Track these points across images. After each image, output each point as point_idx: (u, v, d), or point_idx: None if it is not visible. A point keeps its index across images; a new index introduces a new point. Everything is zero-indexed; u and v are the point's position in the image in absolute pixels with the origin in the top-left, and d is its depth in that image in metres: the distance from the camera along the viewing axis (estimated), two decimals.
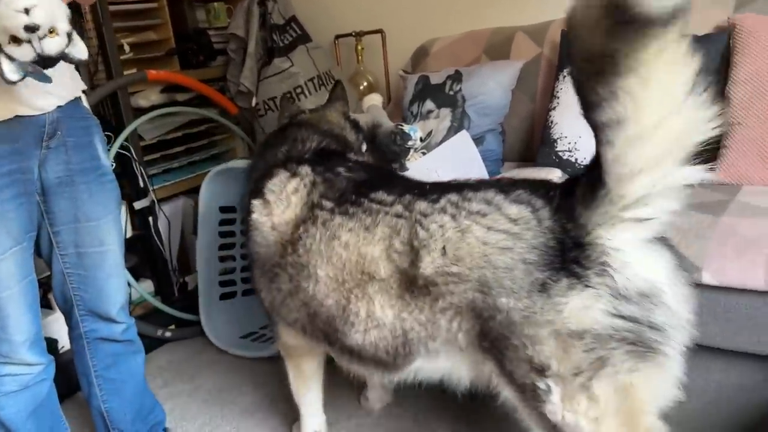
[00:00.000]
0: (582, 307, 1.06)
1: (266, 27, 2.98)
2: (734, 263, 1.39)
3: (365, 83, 3.20)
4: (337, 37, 3.12)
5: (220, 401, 2.20)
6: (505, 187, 1.20)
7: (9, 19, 1.10)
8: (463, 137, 2.17)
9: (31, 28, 1.11)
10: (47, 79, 1.24)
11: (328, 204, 1.38)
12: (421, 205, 1.24)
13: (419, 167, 2.09)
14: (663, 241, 1.11)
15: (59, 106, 1.47)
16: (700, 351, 1.49)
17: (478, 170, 2.04)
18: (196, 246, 2.64)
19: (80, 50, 1.24)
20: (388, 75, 3.07)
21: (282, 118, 1.84)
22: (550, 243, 1.09)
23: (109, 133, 2.55)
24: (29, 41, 1.13)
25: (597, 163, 1.01)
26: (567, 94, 2.01)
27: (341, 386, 1.85)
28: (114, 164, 2.44)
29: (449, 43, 2.55)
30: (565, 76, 2.05)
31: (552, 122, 2.04)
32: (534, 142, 2.23)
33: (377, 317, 1.27)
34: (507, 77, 2.26)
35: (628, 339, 1.05)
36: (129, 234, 2.69)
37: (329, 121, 1.78)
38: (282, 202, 1.47)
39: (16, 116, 1.38)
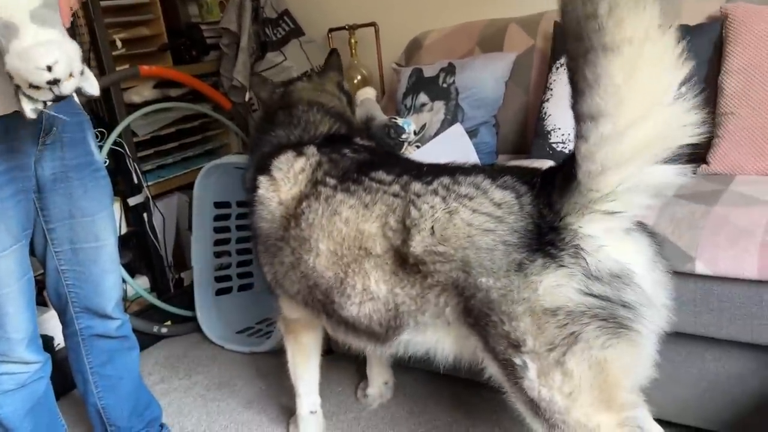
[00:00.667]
0: (555, 284, 1.10)
1: (259, 21, 2.97)
2: (727, 252, 1.39)
3: (359, 77, 3.18)
4: (331, 30, 3.10)
5: (217, 396, 2.21)
6: (495, 172, 1.26)
7: (32, 75, 1.15)
8: (457, 130, 2.17)
9: (53, 82, 1.17)
10: (57, 116, 1.32)
11: (331, 181, 1.45)
12: (416, 186, 1.30)
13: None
14: (642, 227, 1.16)
15: None
16: (694, 340, 1.51)
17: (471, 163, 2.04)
18: (191, 242, 2.64)
19: (92, 85, 1.29)
20: (381, 68, 3.06)
21: (265, 91, 1.85)
22: (529, 226, 1.15)
23: (102, 130, 2.54)
24: (50, 88, 1.19)
25: (573, 155, 1.06)
26: (560, 85, 2.00)
27: (339, 380, 1.86)
28: (107, 161, 2.44)
29: (443, 36, 2.55)
30: (558, 68, 2.05)
31: (545, 114, 2.04)
32: (528, 134, 2.22)
33: (372, 291, 1.33)
34: (500, 69, 2.25)
35: (600, 315, 1.09)
36: (124, 230, 2.69)
37: (326, 90, 1.83)
38: (289, 179, 1.53)
39: (15, 112, 1.38)
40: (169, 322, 2.65)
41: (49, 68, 1.15)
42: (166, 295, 2.76)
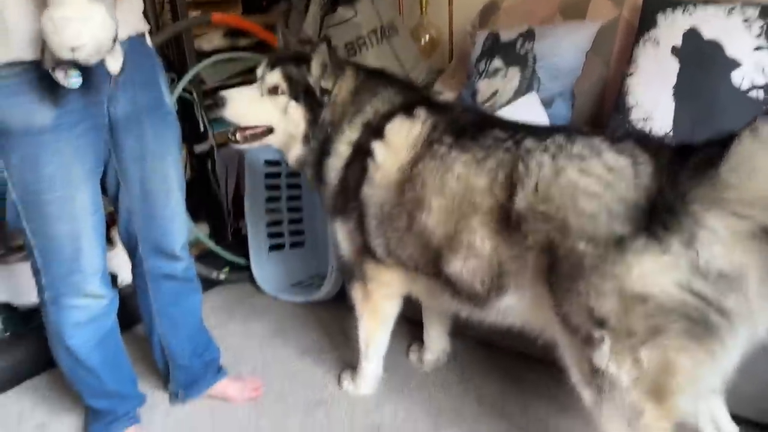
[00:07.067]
0: (653, 270, 1.05)
1: None
2: None
3: (427, 36, 3.12)
4: None
5: (271, 344, 2.26)
6: (616, 137, 1.20)
7: (54, 46, 1.19)
8: (531, 99, 2.11)
9: (73, 62, 1.22)
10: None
11: (447, 139, 1.44)
12: (529, 143, 1.28)
13: None
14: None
15: (129, 37, 1.48)
16: None
17: None
18: (245, 199, 2.67)
19: (115, 62, 1.34)
20: (452, 29, 2.98)
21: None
22: (640, 200, 1.08)
23: (172, 75, 2.56)
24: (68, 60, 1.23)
25: (722, 143, 0.98)
26: (646, 60, 1.91)
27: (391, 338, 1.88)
28: (176, 107, 2.47)
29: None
30: (645, 42, 1.95)
31: (627, 89, 1.95)
32: (605, 108, 2.14)
33: (477, 247, 1.33)
34: (582, 39, 2.16)
35: (691, 316, 1.05)
36: (187, 177, 2.74)
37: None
38: (408, 143, 1.50)
39: None
40: (226, 269, 2.71)
41: (73, 49, 1.18)
42: (224, 242, 2.82)
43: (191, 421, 1.89)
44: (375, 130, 1.57)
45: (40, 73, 1.34)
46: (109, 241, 2.27)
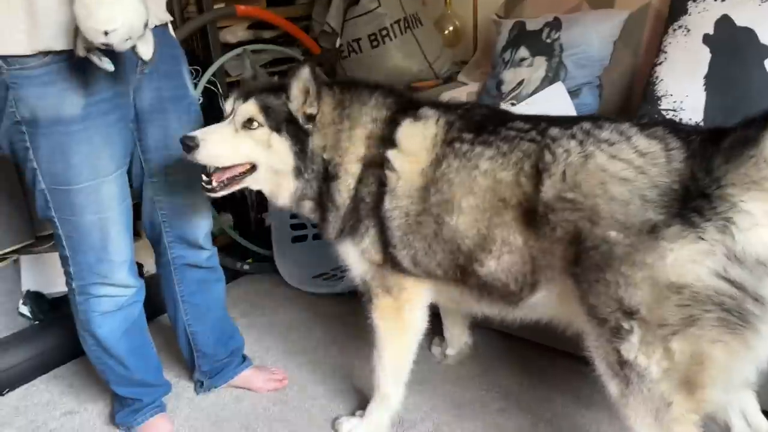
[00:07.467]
0: (688, 259, 1.03)
1: None
2: None
3: (451, 28, 3.09)
4: None
5: (294, 335, 2.27)
6: (644, 123, 1.18)
7: (88, 31, 1.19)
8: (558, 89, 2.08)
9: (106, 45, 1.22)
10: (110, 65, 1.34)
11: (467, 136, 1.38)
12: (554, 131, 1.25)
13: None
14: None
15: (153, 27, 1.48)
16: None
17: None
18: None
19: (147, 50, 1.33)
20: (476, 19, 2.95)
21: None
22: (674, 185, 1.06)
23: (197, 67, 2.58)
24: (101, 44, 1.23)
25: (757, 122, 0.96)
26: (677, 49, 1.86)
27: None
28: (201, 99, 2.48)
29: None
30: (675, 30, 1.91)
31: (657, 78, 1.91)
32: (634, 98, 2.10)
33: (510, 243, 1.28)
34: (610, 27, 2.12)
35: (726, 305, 1.02)
36: None
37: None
38: (427, 146, 1.42)
39: None
40: (250, 260, 2.73)
41: (106, 33, 1.18)
42: (248, 233, 2.84)
43: (216, 409, 1.90)
44: (383, 140, 1.47)
45: (70, 63, 1.35)
46: (136, 234, 2.32)
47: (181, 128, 1.62)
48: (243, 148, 1.48)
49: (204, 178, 1.51)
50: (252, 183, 1.55)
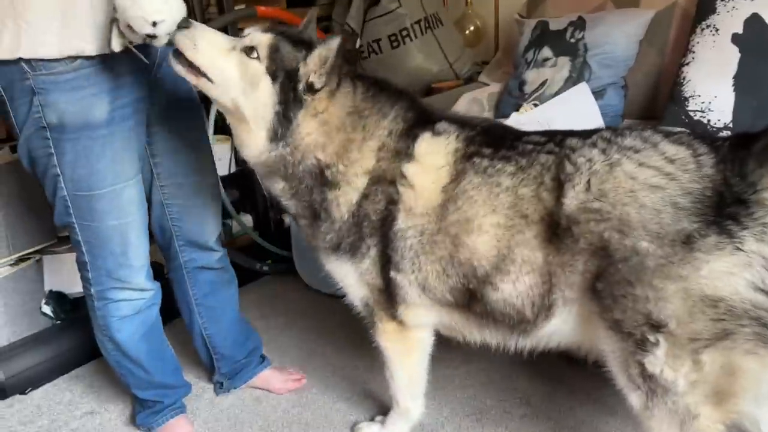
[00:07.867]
0: (725, 271, 0.99)
1: None
2: None
3: (472, 27, 3.07)
4: None
5: (312, 337, 2.26)
6: (666, 130, 1.14)
7: (136, 22, 1.20)
8: (582, 89, 2.05)
9: (151, 37, 1.23)
10: (141, 61, 1.36)
11: (486, 151, 1.31)
12: (572, 141, 1.21)
13: (531, 119, 1.99)
14: None
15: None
16: None
17: (595, 126, 1.92)
18: None
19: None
20: (497, 19, 2.92)
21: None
22: (707, 191, 1.02)
23: None
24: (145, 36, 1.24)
25: None
26: (704, 49, 1.82)
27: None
28: None
29: None
30: (703, 29, 1.86)
31: (684, 78, 1.87)
32: (660, 99, 2.06)
33: (530, 261, 1.22)
34: (635, 27, 2.09)
35: (763, 320, 0.98)
36: (233, 169, 2.76)
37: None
38: (448, 161, 1.33)
39: (137, 45, 1.39)
40: (269, 261, 2.73)
41: (154, 24, 1.19)
42: (267, 234, 2.84)
43: (236, 410, 1.90)
44: (397, 153, 1.36)
45: (99, 68, 1.35)
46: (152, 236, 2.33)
47: (189, 131, 1.62)
48: (226, 66, 1.32)
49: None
50: (211, 91, 1.36)
